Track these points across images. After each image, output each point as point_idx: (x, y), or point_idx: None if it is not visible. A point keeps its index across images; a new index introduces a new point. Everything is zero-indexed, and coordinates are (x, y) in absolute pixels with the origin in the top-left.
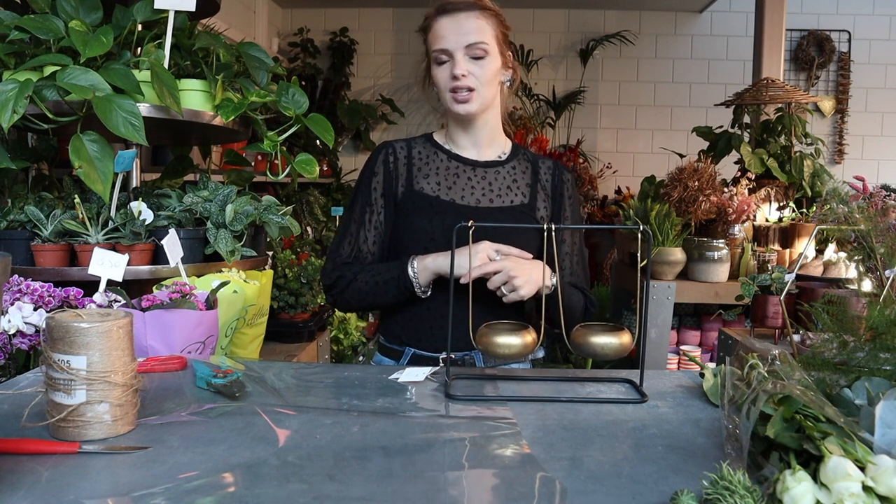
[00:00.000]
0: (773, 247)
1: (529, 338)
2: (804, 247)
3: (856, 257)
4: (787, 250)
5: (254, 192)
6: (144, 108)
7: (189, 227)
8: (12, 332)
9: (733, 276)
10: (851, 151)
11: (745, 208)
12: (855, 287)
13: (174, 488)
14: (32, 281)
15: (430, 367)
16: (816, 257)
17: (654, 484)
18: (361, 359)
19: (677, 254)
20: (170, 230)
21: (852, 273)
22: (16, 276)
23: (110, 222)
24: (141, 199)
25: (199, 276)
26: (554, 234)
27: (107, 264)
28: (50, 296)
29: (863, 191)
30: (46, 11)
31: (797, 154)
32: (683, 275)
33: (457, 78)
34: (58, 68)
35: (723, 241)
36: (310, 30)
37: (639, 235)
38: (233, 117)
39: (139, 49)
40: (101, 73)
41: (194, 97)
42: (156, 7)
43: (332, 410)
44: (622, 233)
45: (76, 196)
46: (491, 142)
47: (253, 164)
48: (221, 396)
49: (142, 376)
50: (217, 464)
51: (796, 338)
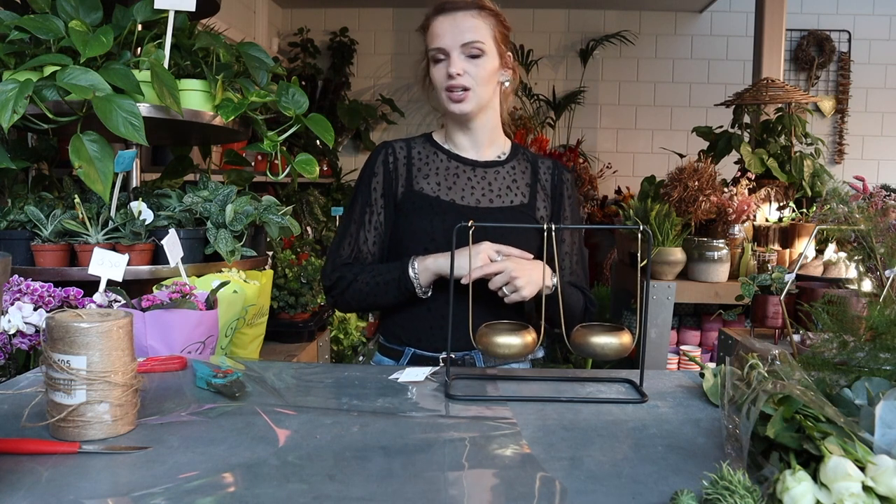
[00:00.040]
0: (773, 247)
1: (529, 338)
2: (804, 247)
3: (856, 257)
4: (787, 250)
5: (254, 192)
6: (144, 108)
7: (189, 227)
8: (12, 332)
9: (733, 276)
10: (851, 151)
11: (745, 208)
12: (855, 287)
13: (174, 488)
14: (32, 281)
15: (430, 367)
16: (816, 257)
17: (654, 484)
18: (361, 359)
19: (677, 254)
20: (170, 230)
21: (852, 273)
22: (16, 276)
23: (110, 222)
24: (141, 199)
25: (199, 276)
26: (554, 234)
27: (107, 264)
28: (50, 296)
29: (863, 191)
30: (46, 11)
31: (797, 154)
32: (683, 275)
33: (452, 77)
34: (58, 68)
35: (723, 241)
36: (310, 30)
37: (639, 235)
38: (233, 117)
39: (139, 49)
40: (101, 73)
41: (194, 97)
42: (156, 7)
43: (332, 410)
44: (622, 233)
45: (76, 196)
46: (490, 142)
47: (253, 164)
48: (221, 396)
49: (142, 376)
50: (217, 464)
51: (796, 338)
